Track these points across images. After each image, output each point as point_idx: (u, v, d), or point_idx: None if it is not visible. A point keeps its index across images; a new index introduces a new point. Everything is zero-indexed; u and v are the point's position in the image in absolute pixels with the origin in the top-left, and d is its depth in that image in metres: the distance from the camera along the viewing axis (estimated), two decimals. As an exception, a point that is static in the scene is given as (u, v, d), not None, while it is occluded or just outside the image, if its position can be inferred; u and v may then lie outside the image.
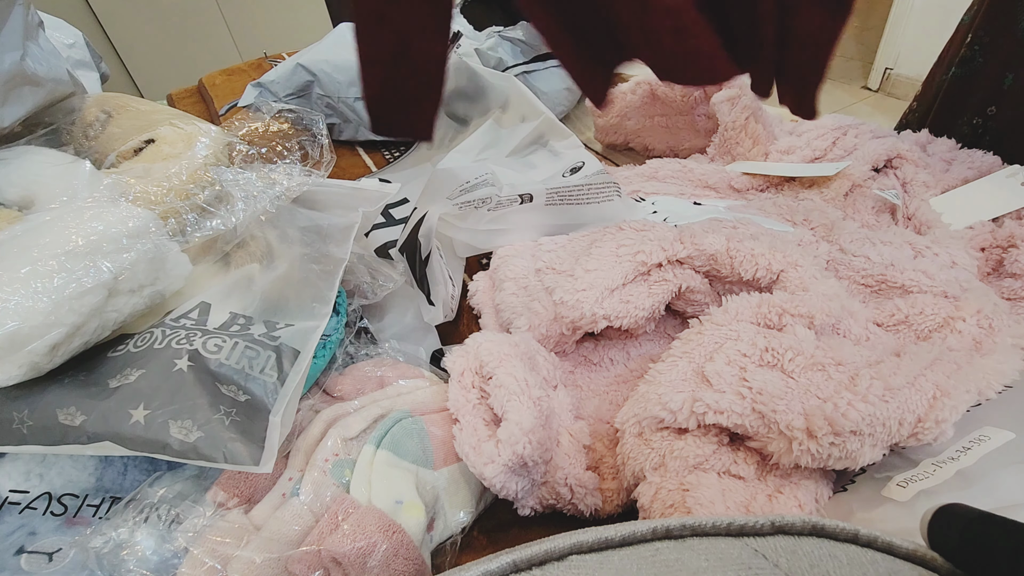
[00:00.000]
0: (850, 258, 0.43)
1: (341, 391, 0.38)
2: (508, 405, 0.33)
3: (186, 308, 0.37)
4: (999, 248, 0.44)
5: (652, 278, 0.40)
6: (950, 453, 0.29)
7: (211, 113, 0.88)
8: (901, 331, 0.37)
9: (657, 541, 0.18)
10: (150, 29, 2.15)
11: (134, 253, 0.33)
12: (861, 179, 0.51)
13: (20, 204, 0.41)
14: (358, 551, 0.28)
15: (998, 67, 0.54)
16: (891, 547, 0.18)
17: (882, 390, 0.28)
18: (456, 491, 0.34)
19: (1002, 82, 0.53)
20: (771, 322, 0.35)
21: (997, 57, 0.54)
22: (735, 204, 0.53)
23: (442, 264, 0.45)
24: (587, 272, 0.40)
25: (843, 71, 2.53)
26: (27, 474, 0.32)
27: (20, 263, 0.31)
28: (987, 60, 0.55)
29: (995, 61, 0.54)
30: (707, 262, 0.40)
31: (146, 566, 0.29)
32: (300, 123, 0.54)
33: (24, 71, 0.45)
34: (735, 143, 0.58)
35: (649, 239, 0.41)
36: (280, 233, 0.41)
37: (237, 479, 0.33)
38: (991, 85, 0.54)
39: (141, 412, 0.30)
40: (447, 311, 0.45)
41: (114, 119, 0.51)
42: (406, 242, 0.46)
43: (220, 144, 0.48)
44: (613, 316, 0.38)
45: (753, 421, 0.29)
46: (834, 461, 0.28)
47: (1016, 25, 0.52)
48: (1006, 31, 0.53)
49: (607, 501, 0.34)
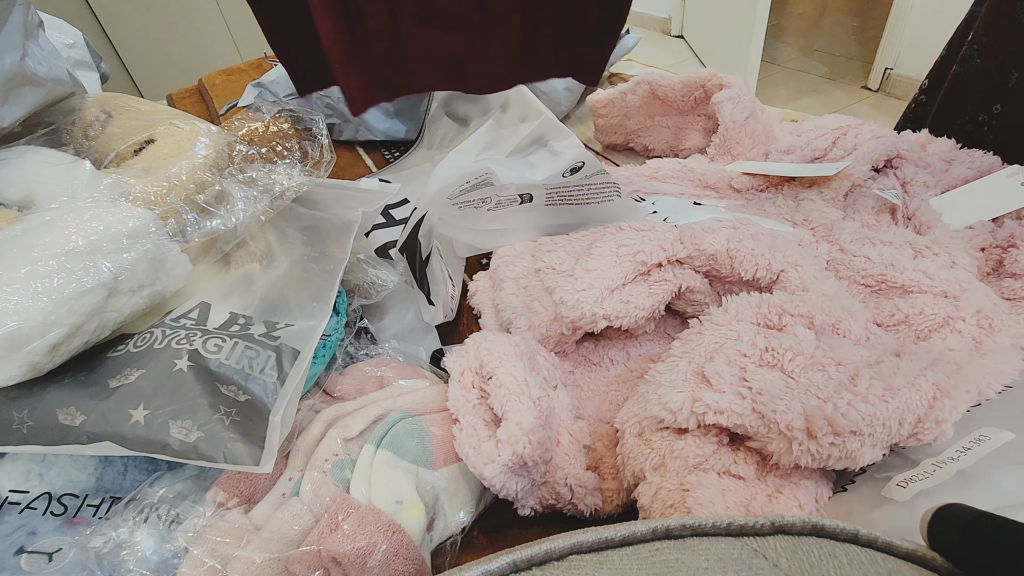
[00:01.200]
0: (850, 258, 0.43)
1: (341, 391, 0.38)
2: (508, 405, 0.33)
3: (186, 308, 0.37)
4: (999, 248, 0.44)
5: (652, 278, 0.40)
6: (950, 453, 0.29)
7: (211, 113, 0.89)
8: (901, 331, 0.37)
9: (657, 541, 0.18)
10: (150, 29, 2.15)
11: (134, 253, 0.33)
12: (861, 179, 0.51)
13: (20, 204, 0.41)
14: (358, 551, 0.28)
15: (1001, 65, 0.54)
16: (891, 547, 0.18)
17: (882, 390, 0.28)
18: (456, 491, 0.34)
19: (1008, 80, 0.53)
20: (771, 322, 0.35)
21: (999, 55, 0.54)
22: (735, 204, 0.53)
23: (442, 264, 0.45)
24: (587, 272, 0.40)
25: (843, 71, 2.53)
26: (27, 474, 0.32)
27: (20, 263, 0.31)
28: (989, 57, 0.55)
29: (997, 59, 0.54)
30: (707, 262, 0.40)
31: (146, 566, 0.29)
32: (300, 123, 0.54)
33: (24, 71, 0.45)
34: (735, 143, 0.58)
35: (649, 239, 0.41)
36: (280, 233, 0.41)
37: (237, 479, 0.33)
38: (996, 82, 0.54)
39: (141, 412, 0.30)
40: (447, 311, 0.45)
41: (114, 119, 0.51)
42: (406, 242, 0.46)
43: (220, 144, 0.48)
44: (613, 316, 0.38)
45: (753, 421, 0.29)
46: (834, 461, 0.28)
47: (1018, 21, 0.52)
48: (1008, 28, 0.52)
49: (607, 501, 0.34)
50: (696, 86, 0.63)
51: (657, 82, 0.64)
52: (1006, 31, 0.53)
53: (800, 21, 3.09)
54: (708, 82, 0.62)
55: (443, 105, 0.66)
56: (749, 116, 0.58)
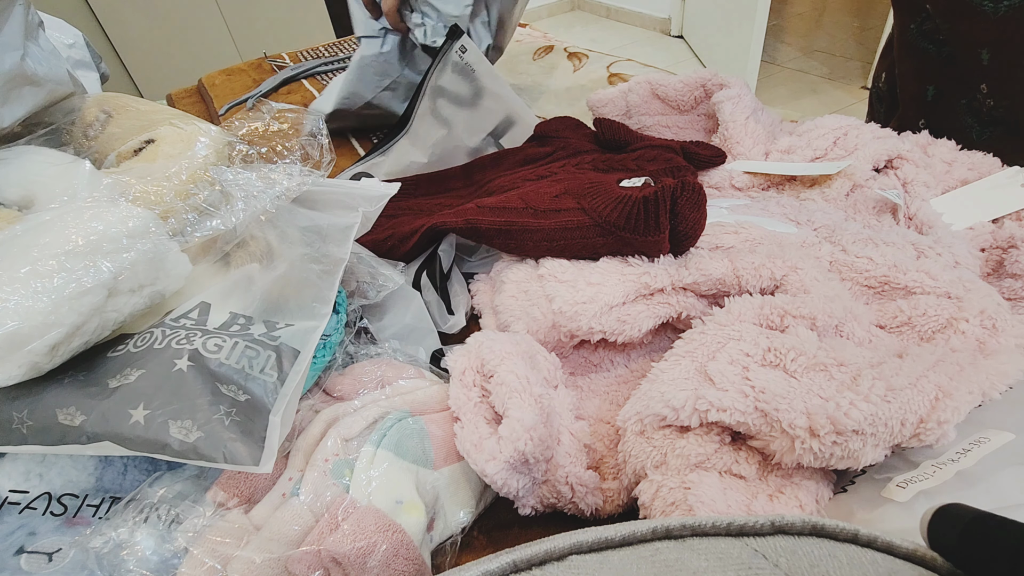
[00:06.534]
0: (853, 259, 0.43)
1: (341, 391, 0.38)
2: (509, 402, 0.33)
3: (186, 308, 0.37)
4: (999, 249, 0.44)
5: (654, 300, 0.40)
6: (950, 455, 0.29)
7: (211, 113, 0.89)
8: (904, 332, 0.37)
9: (657, 541, 0.18)
10: (150, 29, 2.15)
11: (134, 253, 0.33)
12: (862, 179, 0.51)
13: (20, 204, 0.41)
14: (358, 551, 0.28)
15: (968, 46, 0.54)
16: (891, 547, 0.18)
17: (884, 390, 0.28)
18: (456, 491, 0.34)
19: (979, 60, 0.53)
20: (773, 323, 0.35)
21: (962, 37, 0.54)
22: (737, 204, 0.53)
23: (460, 275, 0.48)
24: (589, 285, 0.40)
25: (843, 71, 2.53)
26: (27, 474, 0.32)
27: (20, 263, 0.31)
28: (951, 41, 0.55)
29: (962, 42, 0.54)
30: (714, 285, 0.40)
31: (146, 566, 0.29)
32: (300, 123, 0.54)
33: (24, 71, 0.45)
34: (735, 143, 0.58)
35: (657, 263, 0.41)
36: (280, 233, 0.41)
37: (237, 479, 0.33)
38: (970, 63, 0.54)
39: (141, 412, 0.30)
40: (466, 318, 0.47)
41: (114, 119, 0.51)
42: (426, 261, 0.48)
43: (220, 144, 0.48)
44: (610, 332, 0.39)
45: (756, 419, 0.29)
46: (836, 461, 0.28)
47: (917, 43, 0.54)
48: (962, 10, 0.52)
49: (608, 501, 0.34)
50: (696, 86, 0.63)
51: (657, 82, 0.64)
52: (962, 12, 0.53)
53: (800, 21, 3.09)
54: (708, 82, 0.62)
55: (431, 101, 0.66)
56: (749, 116, 0.58)
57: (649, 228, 0.39)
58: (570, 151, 0.60)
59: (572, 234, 0.42)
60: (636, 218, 0.39)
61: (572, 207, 0.43)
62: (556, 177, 0.53)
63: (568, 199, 0.44)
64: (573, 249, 0.42)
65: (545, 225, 0.43)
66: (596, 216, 0.41)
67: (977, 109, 0.55)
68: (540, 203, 0.45)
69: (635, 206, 0.40)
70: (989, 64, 0.52)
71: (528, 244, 0.43)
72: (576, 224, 0.42)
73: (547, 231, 0.42)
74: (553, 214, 0.43)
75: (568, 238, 0.42)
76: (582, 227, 0.42)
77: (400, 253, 0.48)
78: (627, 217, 0.40)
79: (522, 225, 0.43)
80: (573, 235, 0.42)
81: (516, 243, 0.44)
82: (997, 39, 0.50)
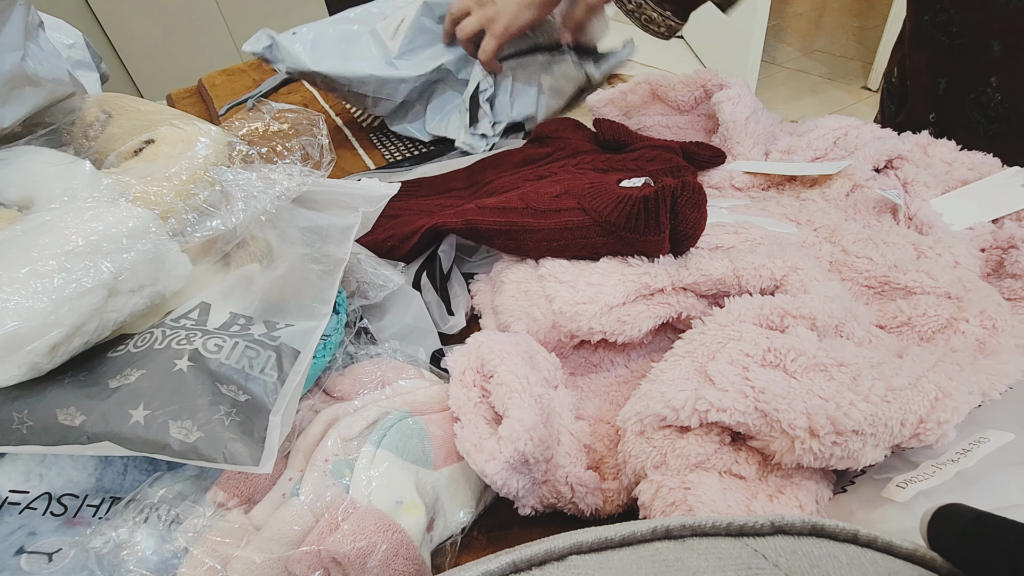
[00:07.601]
0: (853, 259, 0.43)
1: (341, 391, 0.38)
2: (510, 402, 0.33)
3: (186, 308, 0.37)
4: (999, 249, 0.44)
5: (654, 300, 0.40)
6: (950, 455, 0.29)
7: (211, 113, 0.89)
8: (904, 332, 0.37)
9: (657, 541, 0.18)
10: (150, 29, 2.15)
11: (134, 253, 0.33)
12: (863, 179, 0.51)
13: (20, 204, 0.41)
14: (358, 551, 0.28)
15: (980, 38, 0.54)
16: (891, 547, 0.18)
17: (884, 390, 0.28)
18: (456, 491, 0.34)
19: (990, 52, 0.53)
20: (773, 323, 0.35)
21: (975, 28, 0.54)
22: (737, 204, 0.53)
23: (460, 276, 0.48)
24: (589, 285, 0.40)
25: (843, 71, 2.53)
26: (27, 474, 0.32)
27: (20, 263, 0.31)
28: (965, 34, 0.55)
29: (974, 33, 0.54)
30: (714, 286, 0.40)
31: (146, 566, 0.29)
32: (300, 123, 0.54)
33: (24, 71, 0.45)
34: (735, 143, 0.58)
35: (657, 263, 0.41)
36: (280, 233, 0.41)
37: (237, 479, 0.33)
38: (982, 57, 0.55)
39: (141, 412, 0.30)
40: (466, 319, 0.47)
41: (114, 119, 0.51)
42: (426, 261, 0.48)
43: (220, 144, 0.48)
44: (610, 332, 0.39)
45: (756, 419, 0.29)
46: (836, 461, 0.28)
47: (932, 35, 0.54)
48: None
49: (608, 501, 0.34)
50: (696, 86, 0.63)
51: (657, 82, 0.64)
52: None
53: (800, 21, 3.09)
54: (708, 82, 0.62)
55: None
56: (749, 116, 0.58)
57: (649, 228, 0.39)
58: (570, 151, 0.60)
59: (572, 234, 0.42)
60: (636, 218, 0.39)
61: (572, 207, 0.43)
62: (556, 177, 0.53)
63: (568, 199, 0.44)
64: (573, 249, 0.42)
65: (545, 225, 0.43)
66: (596, 216, 0.41)
67: (985, 104, 0.55)
68: (540, 203, 0.45)
69: (635, 206, 0.40)
70: (1000, 56, 0.52)
71: (528, 244, 0.43)
72: (576, 224, 0.42)
73: (547, 231, 0.42)
74: (553, 214, 0.43)
75: (568, 238, 0.42)
76: (582, 227, 0.42)
77: (400, 253, 0.48)
78: (627, 217, 0.40)
79: (522, 225, 0.43)
80: (573, 235, 0.42)
81: (516, 243, 0.44)
82: (1009, 30, 0.51)
